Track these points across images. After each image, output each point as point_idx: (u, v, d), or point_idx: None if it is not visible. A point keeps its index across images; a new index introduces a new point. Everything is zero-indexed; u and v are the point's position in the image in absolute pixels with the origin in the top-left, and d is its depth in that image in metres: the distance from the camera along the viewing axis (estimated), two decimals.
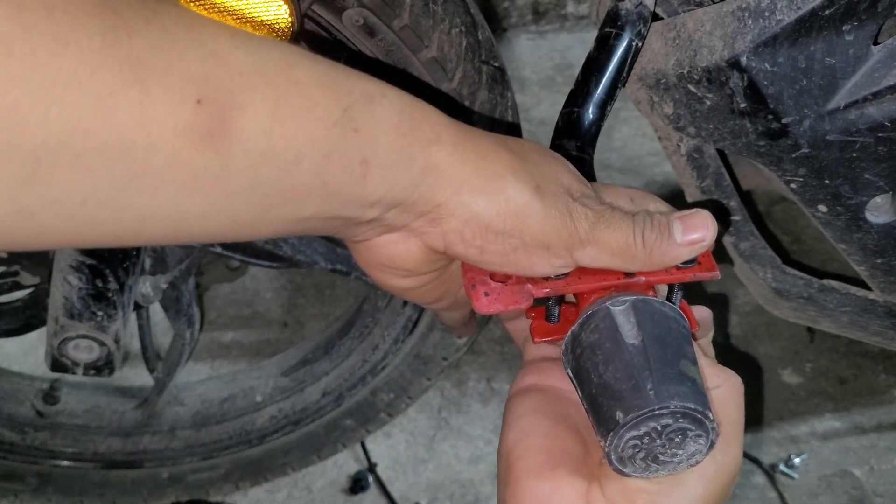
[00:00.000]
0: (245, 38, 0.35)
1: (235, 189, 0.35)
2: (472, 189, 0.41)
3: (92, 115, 0.30)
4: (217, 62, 0.33)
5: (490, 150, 0.42)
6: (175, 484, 1.16)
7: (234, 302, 1.50)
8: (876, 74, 0.56)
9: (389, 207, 0.40)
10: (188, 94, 0.32)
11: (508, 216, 0.41)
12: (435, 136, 0.40)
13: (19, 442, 1.09)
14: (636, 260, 0.44)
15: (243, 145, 0.34)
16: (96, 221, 0.33)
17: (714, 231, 0.45)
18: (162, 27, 0.32)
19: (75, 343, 0.92)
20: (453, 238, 0.42)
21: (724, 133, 0.61)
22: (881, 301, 0.72)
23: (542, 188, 0.42)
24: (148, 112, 0.31)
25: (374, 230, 0.43)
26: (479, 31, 0.82)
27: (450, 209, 0.41)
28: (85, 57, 0.30)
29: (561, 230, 0.42)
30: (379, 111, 0.38)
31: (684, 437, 0.40)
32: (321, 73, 0.37)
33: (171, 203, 0.34)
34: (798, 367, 1.39)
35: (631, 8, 0.60)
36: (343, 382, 1.12)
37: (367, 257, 0.45)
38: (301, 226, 0.39)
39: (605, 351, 0.42)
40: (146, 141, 0.31)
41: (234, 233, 0.38)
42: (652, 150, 1.76)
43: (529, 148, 0.45)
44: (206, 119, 0.33)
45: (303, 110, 0.36)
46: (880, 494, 1.22)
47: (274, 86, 0.35)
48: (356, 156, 0.37)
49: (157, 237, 0.36)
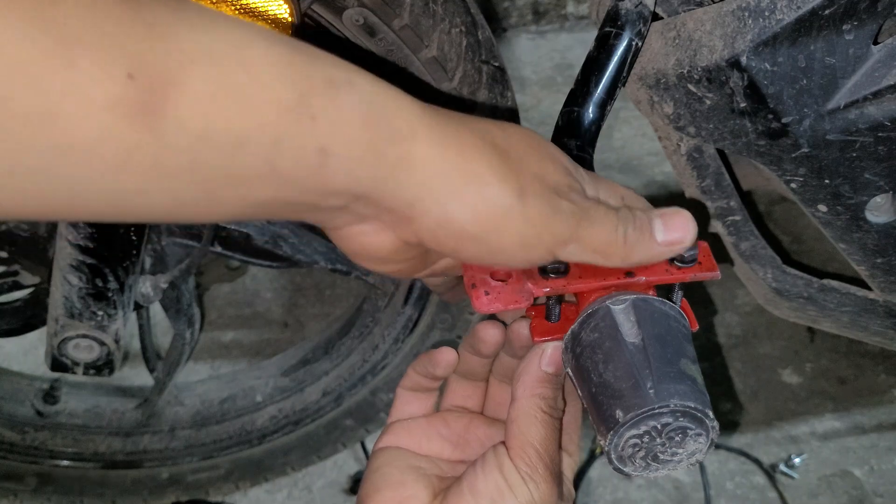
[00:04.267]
0: (194, 14, 0.33)
1: (173, 169, 0.33)
2: (448, 189, 0.38)
3: (10, 83, 0.29)
4: (155, 35, 0.32)
5: (471, 144, 0.40)
6: (175, 484, 1.16)
7: (234, 302, 1.50)
8: (876, 74, 0.56)
9: (356, 198, 0.38)
10: (119, 66, 0.31)
11: (487, 221, 0.39)
12: (409, 131, 0.38)
13: (19, 442, 1.09)
14: (615, 256, 0.43)
15: (180, 124, 0.32)
16: (27, 192, 0.32)
17: (694, 233, 0.44)
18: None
19: (75, 343, 0.92)
20: (426, 236, 0.40)
21: (724, 133, 0.61)
22: (881, 301, 0.72)
23: (524, 189, 0.40)
24: (72, 81, 0.30)
25: (343, 219, 0.40)
26: (479, 30, 0.82)
27: (423, 208, 0.38)
28: (1, 22, 0.28)
29: (542, 233, 0.41)
30: (343, 99, 0.36)
31: (684, 435, 0.40)
32: (278, 55, 0.35)
33: (104, 178, 0.32)
34: (798, 367, 1.39)
35: (631, 7, 0.60)
36: (343, 382, 1.12)
37: (343, 245, 0.44)
38: (258, 210, 0.37)
39: (606, 350, 0.42)
40: (72, 111, 0.30)
41: (181, 213, 0.36)
42: (652, 150, 1.76)
43: (515, 138, 0.43)
44: (138, 95, 0.31)
45: (249, 92, 0.34)
46: (880, 494, 1.22)
47: (219, 65, 0.33)
48: (312, 144, 0.35)
49: (95, 212, 0.35)
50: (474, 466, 0.46)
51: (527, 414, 0.45)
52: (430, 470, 0.49)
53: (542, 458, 0.45)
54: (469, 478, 0.45)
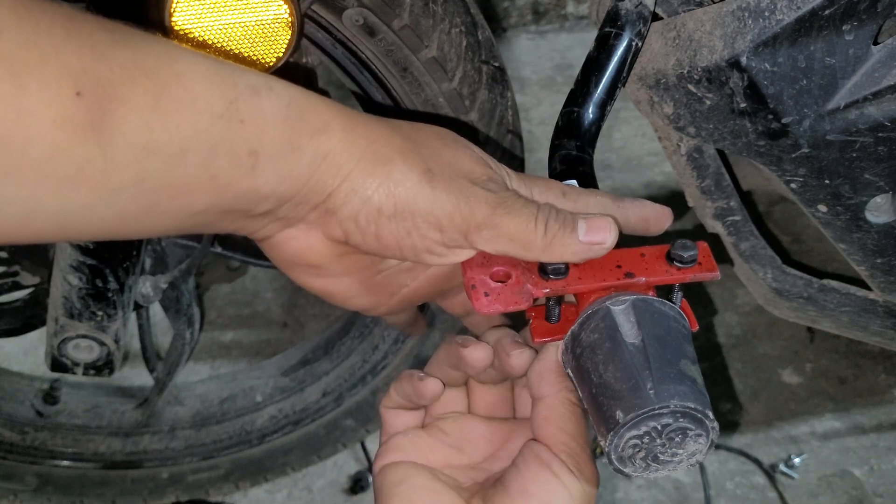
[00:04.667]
0: (125, 34, 0.36)
1: (121, 183, 0.35)
2: (361, 174, 0.42)
3: None
4: (95, 55, 0.33)
5: (381, 135, 0.43)
6: (175, 484, 1.16)
7: (234, 302, 1.50)
8: (876, 74, 0.56)
9: (283, 201, 0.41)
10: (66, 86, 0.32)
11: (398, 199, 0.42)
12: (322, 126, 0.41)
13: (19, 442, 1.09)
14: (534, 247, 0.44)
15: (125, 137, 0.34)
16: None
17: (614, 237, 0.46)
18: (35, 23, 0.32)
19: (75, 343, 0.92)
20: (350, 226, 0.43)
21: (724, 133, 0.61)
22: (881, 301, 0.72)
23: (433, 171, 0.43)
24: (24, 104, 0.31)
25: (272, 225, 0.43)
26: (479, 30, 0.82)
27: (341, 197, 0.42)
28: None
29: (453, 213, 0.43)
30: (265, 103, 0.39)
31: (684, 436, 0.40)
32: (205, 67, 0.37)
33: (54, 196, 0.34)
34: (798, 367, 1.39)
35: (631, 8, 0.60)
36: (343, 382, 1.12)
37: (276, 255, 0.46)
38: (193, 220, 0.39)
39: (605, 350, 0.42)
40: (24, 133, 0.31)
41: (123, 228, 0.38)
42: (652, 150, 1.75)
43: (429, 133, 0.46)
44: (86, 111, 0.33)
45: (185, 102, 0.36)
46: (880, 494, 1.22)
47: (155, 78, 0.35)
48: (243, 147, 0.38)
49: (44, 233, 0.36)
50: (516, 468, 0.45)
51: (560, 409, 0.46)
52: (448, 479, 0.48)
53: (584, 448, 0.45)
54: (515, 480, 0.45)
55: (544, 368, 0.47)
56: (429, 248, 0.44)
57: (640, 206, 0.50)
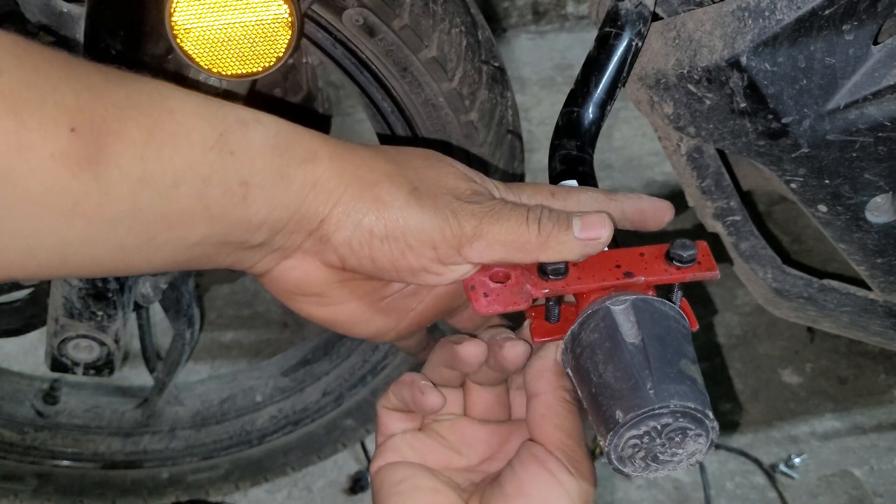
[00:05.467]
0: (118, 76, 0.38)
1: (117, 215, 0.37)
2: (351, 199, 0.43)
3: None
4: (91, 94, 0.35)
5: (366, 160, 0.44)
6: (175, 484, 1.16)
7: (234, 302, 1.50)
8: (876, 74, 0.56)
9: (276, 230, 0.42)
10: (62, 122, 0.34)
11: (388, 220, 0.43)
12: (310, 155, 0.42)
13: (19, 442, 1.09)
14: (530, 248, 0.45)
15: (120, 171, 0.36)
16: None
17: (610, 233, 0.46)
18: (34, 65, 0.34)
19: (75, 343, 0.92)
20: (345, 251, 0.44)
21: (724, 133, 0.61)
22: (881, 301, 0.72)
23: (419, 190, 0.44)
24: (23, 140, 0.33)
25: (269, 258, 0.44)
26: (479, 30, 0.82)
27: (334, 222, 0.43)
28: None
29: (444, 229, 0.44)
30: (254, 134, 0.41)
31: (684, 436, 0.40)
32: (195, 103, 0.39)
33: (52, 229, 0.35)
34: (798, 367, 1.39)
35: (631, 8, 0.60)
36: (343, 382, 1.12)
37: (277, 288, 0.47)
38: (191, 252, 0.41)
39: (605, 350, 0.42)
40: (24, 168, 0.33)
41: (125, 262, 0.39)
42: (652, 150, 1.75)
43: (413, 155, 0.47)
44: (82, 146, 0.34)
45: (178, 136, 0.38)
46: (880, 494, 1.22)
47: (148, 114, 0.37)
48: (235, 177, 0.39)
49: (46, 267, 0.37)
50: (513, 468, 0.45)
51: (556, 408, 0.46)
52: (447, 481, 0.48)
53: (580, 447, 0.45)
54: (511, 481, 0.45)
55: (543, 366, 0.47)
56: (425, 267, 0.45)
57: (636, 199, 0.50)
